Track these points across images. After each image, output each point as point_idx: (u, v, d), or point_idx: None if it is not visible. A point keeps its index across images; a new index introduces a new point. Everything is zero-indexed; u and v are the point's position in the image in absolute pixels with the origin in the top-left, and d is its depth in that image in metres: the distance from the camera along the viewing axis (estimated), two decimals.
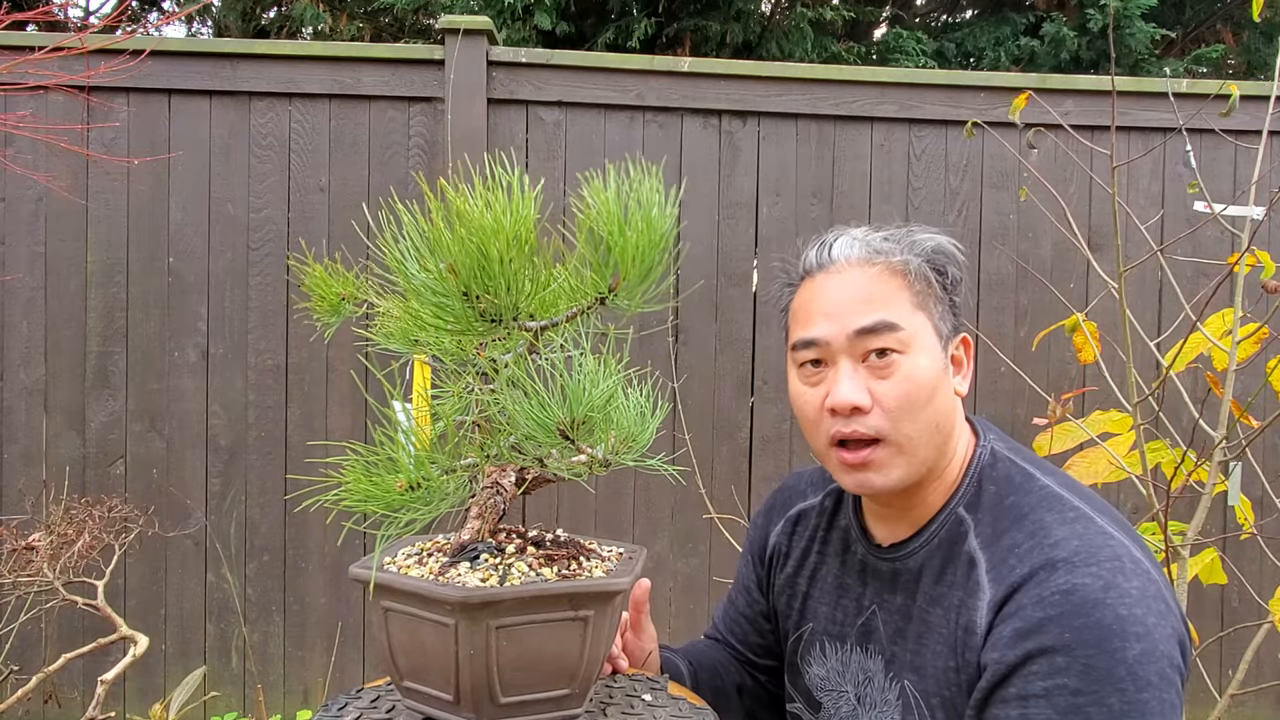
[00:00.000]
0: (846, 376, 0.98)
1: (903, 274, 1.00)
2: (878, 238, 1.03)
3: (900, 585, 1.05)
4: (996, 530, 0.98)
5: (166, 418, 2.74)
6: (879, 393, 0.98)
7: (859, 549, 1.12)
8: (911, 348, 0.98)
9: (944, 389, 1.00)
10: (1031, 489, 1.00)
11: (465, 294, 0.69)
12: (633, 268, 0.73)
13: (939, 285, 1.02)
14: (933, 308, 1.01)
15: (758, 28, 5.31)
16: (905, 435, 0.98)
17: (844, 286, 1.00)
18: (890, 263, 1.01)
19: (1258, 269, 1.71)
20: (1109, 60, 2.99)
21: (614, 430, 0.72)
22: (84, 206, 2.71)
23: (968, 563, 0.98)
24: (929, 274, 1.02)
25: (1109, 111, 2.68)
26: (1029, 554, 0.93)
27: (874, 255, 1.01)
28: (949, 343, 1.03)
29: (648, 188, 0.74)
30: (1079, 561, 0.90)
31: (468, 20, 2.72)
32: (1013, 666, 0.89)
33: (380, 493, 0.73)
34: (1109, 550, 0.91)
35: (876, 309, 0.98)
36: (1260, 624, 1.83)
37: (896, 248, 1.02)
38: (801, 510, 1.23)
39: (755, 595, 1.28)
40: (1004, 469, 1.03)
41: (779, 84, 2.84)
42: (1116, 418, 1.79)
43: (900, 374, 0.97)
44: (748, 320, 2.87)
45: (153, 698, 2.69)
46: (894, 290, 0.99)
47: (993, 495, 1.01)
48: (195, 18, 6.90)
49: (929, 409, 0.98)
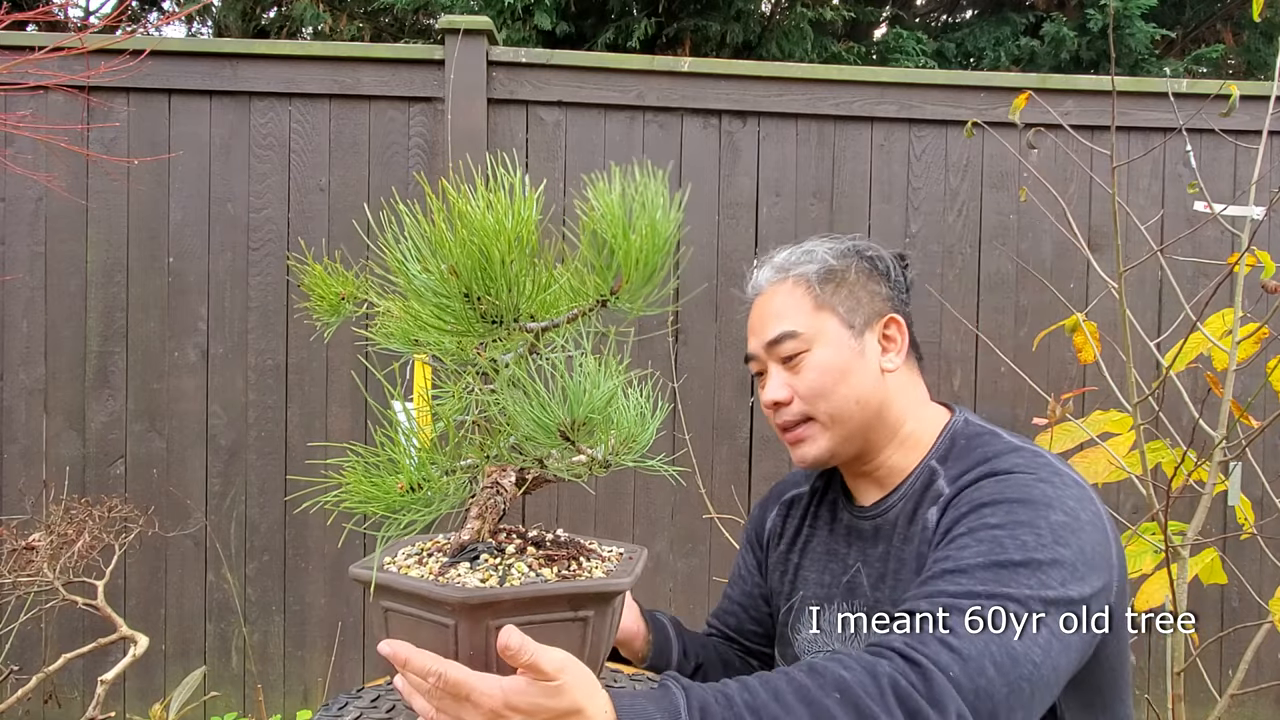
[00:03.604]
0: (771, 379, 1.18)
1: (805, 283, 1.17)
2: (788, 255, 1.21)
3: (880, 537, 1.16)
4: (961, 470, 1.09)
5: (166, 418, 2.74)
6: (795, 385, 1.15)
7: (844, 515, 1.24)
8: (815, 344, 1.15)
9: (858, 369, 1.15)
10: (998, 442, 1.11)
11: (466, 295, 0.69)
12: (636, 271, 0.73)
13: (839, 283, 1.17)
14: (839, 304, 1.16)
15: (758, 28, 5.31)
16: (824, 413, 1.14)
17: (760, 306, 1.21)
18: (790, 276, 1.19)
19: (1258, 269, 1.71)
20: (1109, 60, 2.99)
21: (614, 431, 0.72)
22: (84, 206, 2.71)
23: (935, 497, 1.10)
24: (826, 278, 1.17)
25: (1109, 111, 2.67)
26: (977, 466, 1.07)
27: (780, 274, 1.20)
28: (867, 328, 1.17)
29: (653, 191, 0.74)
30: (1020, 469, 1.02)
31: (468, 20, 2.72)
32: (948, 527, 1.00)
33: (381, 494, 0.72)
34: (1050, 468, 1.03)
35: (780, 322, 1.16)
36: (1260, 624, 1.83)
37: (801, 261, 1.19)
38: (795, 495, 1.35)
39: (755, 578, 1.37)
40: (975, 428, 1.16)
41: (779, 84, 2.84)
42: (1116, 418, 1.79)
43: (807, 366, 1.15)
44: (747, 320, 2.86)
45: (153, 698, 2.69)
46: (796, 300, 1.17)
47: (962, 447, 1.13)
48: (195, 18, 6.90)
49: (842, 387, 1.14)
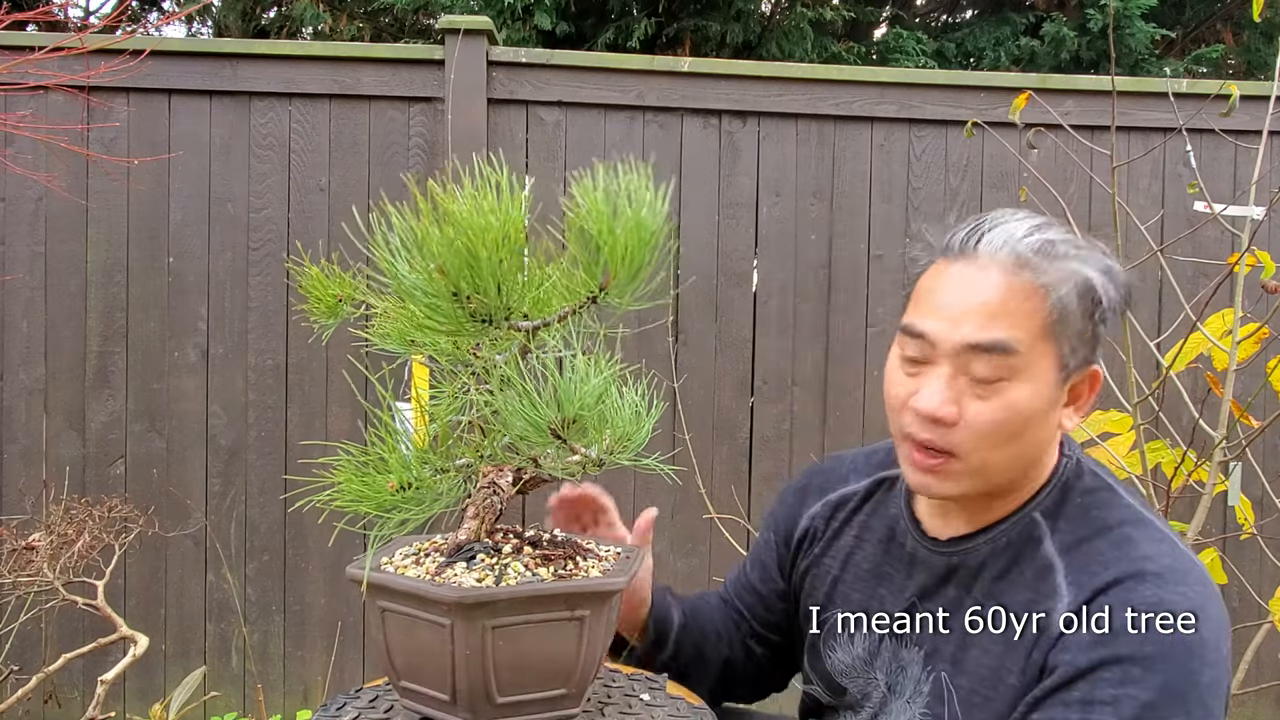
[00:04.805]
0: (941, 384, 0.91)
1: (1044, 296, 0.90)
2: (1035, 242, 0.92)
3: (955, 579, 1.01)
4: (1078, 538, 0.95)
5: (166, 418, 2.75)
6: (971, 412, 0.91)
7: (909, 540, 1.08)
8: (1022, 375, 0.90)
9: (1044, 423, 0.94)
10: (1117, 504, 0.97)
11: (455, 294, 0.69)
12: (622, 266, 0.73)
13: (1084, 315, 0.92)
14: (1065, 339, 0.92)
15: (758, 28, 5.30)
16: (982, 460, 0.93)
17: (974, 287, 0.91)
18: (1034, 280, 0.90)
19: (1258, 269, 1.71)
20: (1109, 60, 2.99)
21: (609, 430, 0.72)
22: (84, 206, 2.71)
23: (1043, 566, 0.95)
24: (1075, 303, 0.91)
25: (1109, 111, 2.67)
26: (1115, 562, 0.91)
27: (1021, 266, 0.91)
28: (1072, 375, 0.95)
29: (638, 186, 0.74)
30: (1169, 578, 0.88)
31: (468, 20, 2.72)
32: (1083, 670, 0.86)
33: (372, 493, 0.73)
34: (1198, 573, 0.90)
35: (999, 326, 0.89)
36: (1260, 624, 1.83)
37: (1049, 265, 0.91)
38: (843, 495, 1.18)
39: (773, 575, 1.24)
40: (1090, 481, 1.00)
41: (779, 84, 2.84)
42: (1116, 418, 1.79)
43: (1001, 400, 0.90)
44: (748, 320, 2.86)
45: (153, 698, 2.69)
46: (1027, 311, 0.90)
47: (1078, 505, 0.98)
48: (195, 18, 6.90)
49: (1018, 442, 0.93)
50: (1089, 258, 0.94)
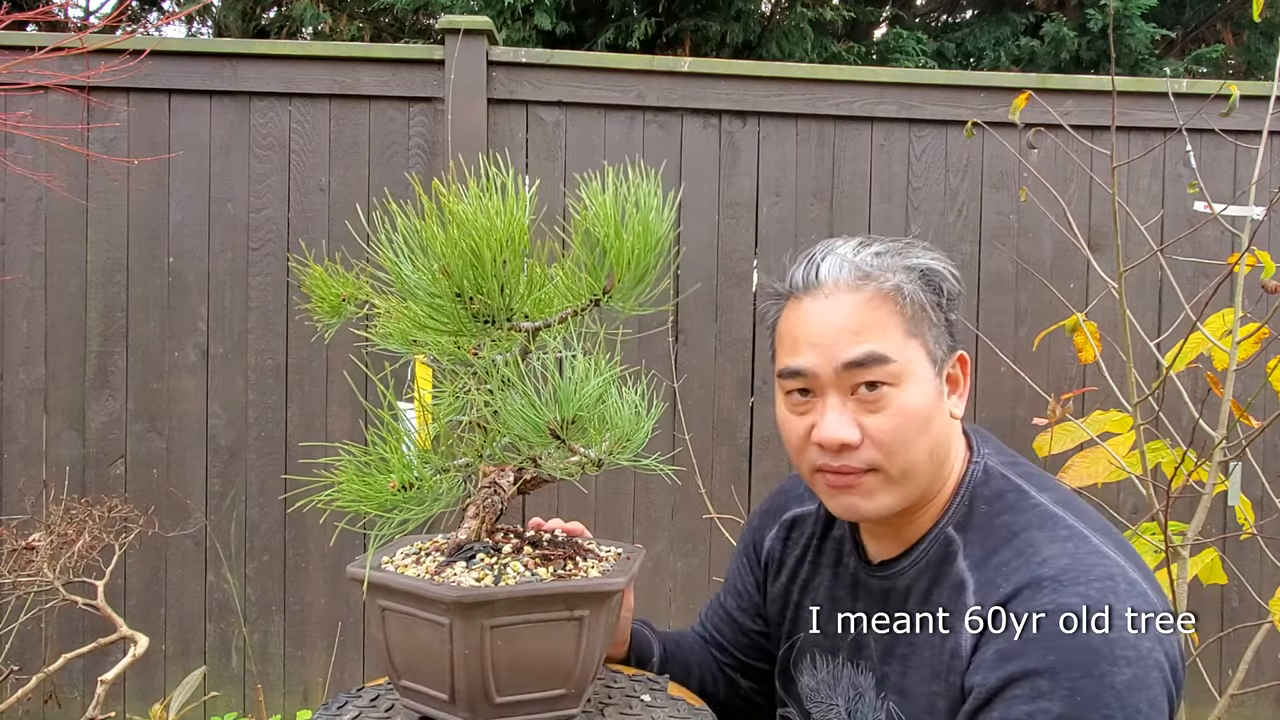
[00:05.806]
0: (835, 412, 0.94)
1: (894, 299, 0.94)
2: (868, 255, 0.96)
3: (890, 604, 1.02)
4: (986, 550, 0.94)
5: (166, 418, 2.75)
6: (870, 426, 0.93)
7: (851, 563, 1.09)
8: (903, 379, 0.93)
9: (939, 416, 0.96)
10: (1024, 507, 0.96)
11: (459, 295, 0.69)
12: (628, 271, 0.73)
13: (933, 306, 0.97)
14: (927, 332, 0.95)
15: (758, 28, 5.30)
16: (899, 466, 0.94)
17: (831, 313, 0.94)
18: (881, 288, 0.94)
19: (1258, 269, 1.71)
20: (1109, 60, 2.99)
21: (609, 430, 0.72)
22: (84, 206, 2.71)
23: (956, 585, 0.94)
24: (923, 296, 0.96)
25: (1109, 111, 2.67)
26: (1015, 572, 0.89)
27: (863, 279, 0.94)
28: (944, 364, 0.98)
29: (646, 191, 0.73)
30: (1066, 580, 0.86)
31: (468, 20, 2.72)
32: (994, 690, 0.85)
33: (373, 493, 0.73)
34: (1101, 569, 0.87)
35: (865, 340, 0.92)
36: (1260, 624, 1.83)
37: (887, 269, 0.95)
38: (796, 516, 1.20)
39: (752, 594, 1.24)
40: (996, 485, 0.99)
41: (779, 84, 2.84)
42: (1116, 418, 1.79)
43: (892, 407, 0.93)
44: (748, 320, 2.86)
45: (153, 698, 2.69)
46: (884, 317, 0.93)
47: (984, 514, 0.97)
48: (195, 18, 6.90)
49: (923, 439, 0.94)
50: (917, 253, 0.99)
